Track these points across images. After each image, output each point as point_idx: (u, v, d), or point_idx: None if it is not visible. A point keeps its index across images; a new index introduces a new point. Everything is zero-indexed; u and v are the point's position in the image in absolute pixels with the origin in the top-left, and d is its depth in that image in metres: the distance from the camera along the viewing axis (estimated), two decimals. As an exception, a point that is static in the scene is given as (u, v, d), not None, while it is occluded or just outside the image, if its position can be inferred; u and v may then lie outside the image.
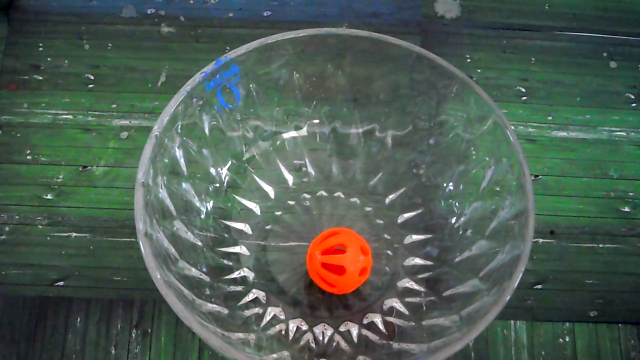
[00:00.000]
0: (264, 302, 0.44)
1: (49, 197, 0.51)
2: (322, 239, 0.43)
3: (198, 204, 0.45)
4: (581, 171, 0.55)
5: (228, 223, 0.47)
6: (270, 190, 0.49)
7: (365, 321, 0.44)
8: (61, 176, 0.52)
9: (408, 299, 0.45)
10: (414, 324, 0.43)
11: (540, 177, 0.54)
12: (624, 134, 0.57)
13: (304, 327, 0.43)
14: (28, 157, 0.52)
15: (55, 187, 0.51)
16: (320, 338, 0.43)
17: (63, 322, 0.47)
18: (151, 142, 0.38)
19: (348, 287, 0.43)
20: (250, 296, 0.44)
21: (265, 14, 0.60)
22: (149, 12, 0.59)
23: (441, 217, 0.47)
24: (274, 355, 0.40)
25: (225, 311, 0.41)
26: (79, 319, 0.47)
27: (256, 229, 0.48)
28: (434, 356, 0.35)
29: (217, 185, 0.47)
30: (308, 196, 0.49)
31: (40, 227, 0.50)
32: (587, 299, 0.50)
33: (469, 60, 0.59)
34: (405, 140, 0.48)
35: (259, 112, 0.47)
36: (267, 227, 0.48)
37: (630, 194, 0.54)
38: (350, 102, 0.48)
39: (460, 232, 0.45)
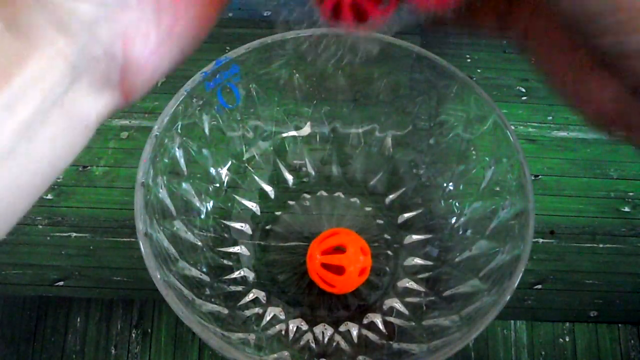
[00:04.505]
0: (264, 302, 0.44)
1: (49, 197, 0.51)
2: (322, 239, 0.43)
3: (198, 204, 0.45)
4: (581, 171, 0.55)
5: (228, 223, 0.47)
6: (270, 190, 0.49)
7: (365, 321, 0.44)
8: (61, 176, 0.52)
9: (408, 299, 0.45)
10: (414, 324, 0.43)
11: (540, 177, 0.54)
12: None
13: (304, 327, 0.43)
14: (28, 157, 0.52)
15: (55, 187, 0.51)
16: (320, 338, 0.43)
17: (63, 322, 0.47)
18: (151, 142, 0.38)
19: (348, 287, 0.43)
20: (250, 296, 0.44)
21: (265, 14, 0.60)
22: (149, 12, 0.59)
23: (441, 217, 0.47)
24: (274, 355, 0.40)
25: (225, 311, 0.41)
26: (79, 319, 0.47)
27: (256, 229, 0.48)
28: (434, 356, 0.35)
29: (217, 185, 0.47)
30: (308, 196, 0.49)
31: (40, 227, 0.50)
32: (587, 299, 0.50)
33: (469, 60, 0.59)
34: (405, 140, 0.48)
35: (259, 112, 0.47)
36: (267, 227, 0.48)
37: (630, 194, 0.54)
38: (350, 102, 0.49)
39: (460, 232, 0.45)
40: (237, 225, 0.47)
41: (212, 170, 0.47)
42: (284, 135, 0.50)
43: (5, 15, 0.18)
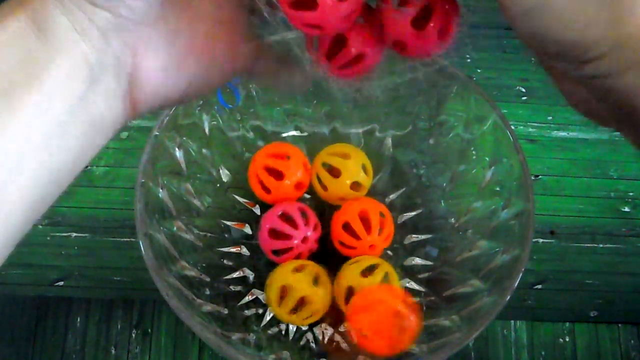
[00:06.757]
0: (264, 302, 0.44)
1: (49, 197, 0.51)
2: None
3: (198, 204, 0.45)
4: (581, 171, 0.55)
5: (228, 223, 0.47)
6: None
7: (365, 321, 0.44)
8: (61, 176, 0.52)
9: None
10: (414, 324, 0.43)
11: (540, 177, 0.54)
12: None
13: (304, 327, 0.43)
14: (28, 157, 0.52)
15: (55, 187, 0.51)
16: (320, 338, 0.43)
17: (63, 322, 0.47)
18: (151, 142, 0.38)
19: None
20: (250, 296, 0.44)
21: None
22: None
23: (441, 217, 0.47)
24: (274, 355, 0.40)
25: (225, 311, 0.41)
26: (79, 319, 0.47)
27: (256, 229, 0.48)
28: (434, 356, 0.35)
29: (217, 185, 0.47)
30: (308, 196, 0.49)
31: (40, 227, 0.50)
32: (587, 299, 0.50)
33: (469, 60, 0.59)
34: (405, 140, 0.48)
35: (259, 112, 0.47)
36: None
37: (630, 194, 0.54)
38: (350, 102, 0.48)
39: (460, 232, 0.45)
40: (237, 225, 0.47)
41: (212, 170, 0.47)
42: (284, 135, 0.49)
43: (34, 19, 0.19)
